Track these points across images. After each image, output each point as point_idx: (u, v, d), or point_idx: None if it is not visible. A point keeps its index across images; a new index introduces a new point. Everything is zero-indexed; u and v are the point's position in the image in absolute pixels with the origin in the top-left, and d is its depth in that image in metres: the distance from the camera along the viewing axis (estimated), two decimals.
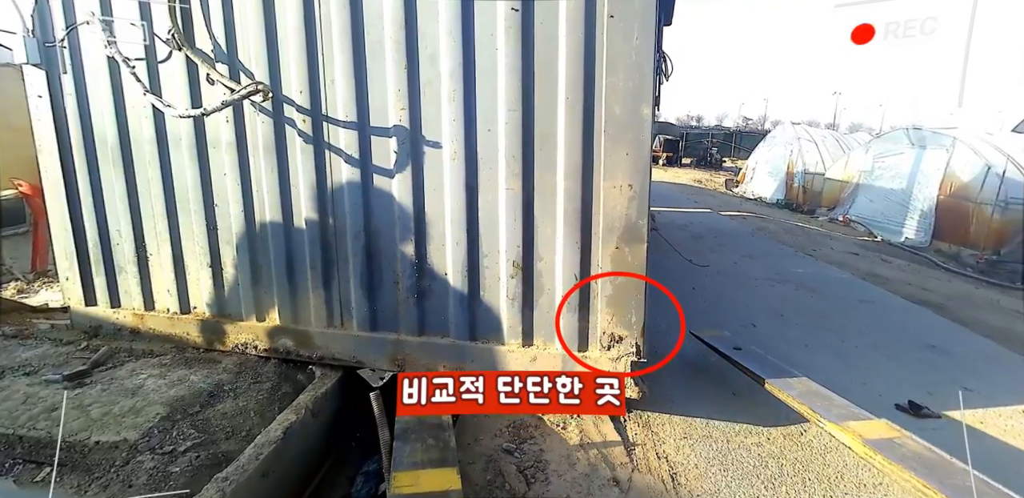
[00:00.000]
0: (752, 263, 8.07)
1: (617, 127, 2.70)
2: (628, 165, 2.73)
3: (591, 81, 2.70)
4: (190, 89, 3.27)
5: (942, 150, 10.43)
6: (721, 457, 2.91)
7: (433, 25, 2.82)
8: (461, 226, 3.02)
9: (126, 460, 2.60)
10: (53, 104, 3.55)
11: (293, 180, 3.22)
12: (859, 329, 5.09)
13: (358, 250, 3.20)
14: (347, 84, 2.99)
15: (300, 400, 3.10)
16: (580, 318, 2.99)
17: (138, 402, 3.01)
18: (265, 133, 3.19)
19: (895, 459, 2.45)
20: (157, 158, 3.44)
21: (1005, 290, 7.97)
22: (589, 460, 2.80)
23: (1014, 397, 3.71)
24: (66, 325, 4.07)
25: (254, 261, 3.42)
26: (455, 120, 2.89)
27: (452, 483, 2.35)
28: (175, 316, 3.67)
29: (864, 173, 11.74)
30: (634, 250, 2.83)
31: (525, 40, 2.72)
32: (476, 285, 3.09)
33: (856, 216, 11.74)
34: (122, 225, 3.63)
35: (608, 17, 2.59)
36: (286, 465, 2.75)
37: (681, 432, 3.15)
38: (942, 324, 5.56)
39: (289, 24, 3.01)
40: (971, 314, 6.06)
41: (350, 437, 3.49)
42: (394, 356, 3.28)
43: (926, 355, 4.53)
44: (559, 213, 2.89)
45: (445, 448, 2.61)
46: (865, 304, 6.15)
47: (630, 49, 2.60)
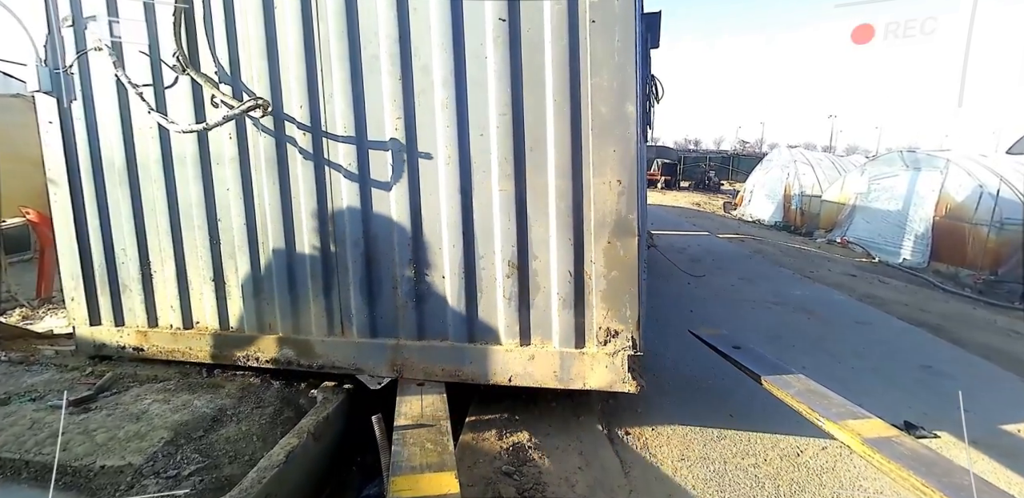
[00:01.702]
0: (750, 286, 8.10)
1: (604, 125, 2.82)
2: (616, 161, 2.83)
3: (577, 83, 2.83)
4: (195, 110, 3.42)
5: (936, 172, 10.62)
6: (718, 478, 2.91)
7: (426, 38, 2.99)
8: (457, 229, 3.09)
9: (131, 484, 2.62)
10: (63, 129, 3.70)
11: (294, 192, 3.32)
12: (855, 351, 5.09)
13: (357, 257, 3.26)
14: (345, 97, 3.14)
15: (302, 424, 3.11)
16: (576, 314, 3.01)
17: (142, 427, 3.04)
18: (267, 147, 3.32)
19: (893, 458, 2.45)
20: (163, 177, 3.56)
21: (1003, 310, 7.98)
22: (588, 482, 2.80)
23: (1008, 417, 3.71)
24: (71, 351, 4.10)
25: (255, 273, 3.48)
26: (448, 126, 3.02)
27: (450, 487, 2.32)
28: (178, 332, 3.70)
29: (860, 195, 11.90)
30: (626, 244, 2.89)
31: (513, 48, 2.88)
32: (473, 286, 3.13)
33: (854, 238, 11.82)
34: (127, 244, 3.71)
35: (591, 22, 2.75)
36: (288, 488, 2.74)
37: (678, 454, 3.15)
38: (938, 345, 5.56)
39: (290, 44, 3.18)
40: (968, 334, 6.07)
41: (351, 461, 3.45)
42: (393, 361, 3.29)
43: (921, 376, 4.53)
44: (552, 211, 2.97)
45: (443, 452, 2.58)
46: (862, 325, 6.16)
47: (612, 51, 2.74)
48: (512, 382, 3.12)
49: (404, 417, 2.86)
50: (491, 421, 3.27)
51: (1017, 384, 4.48)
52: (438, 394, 3.08)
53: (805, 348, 5.10)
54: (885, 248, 11.26)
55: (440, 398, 3.03)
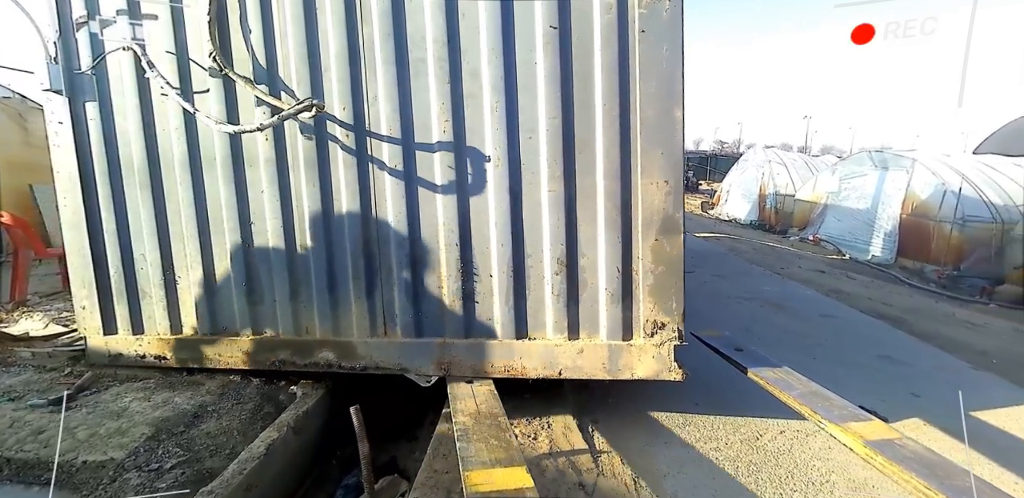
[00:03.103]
0: (723, 282, 8.63)
1: (652, 129, 3.12)
2: (663, 163, 3.14)
3: (626, 89, 3.13)
4: (227, 111, 3.53)
5: (903, 171, 11.51)
6: (680, 462, 3.19)
7: (475, 43, 3.22)
8: (506, 229, 3.33)
9: (113, 478, 2.77)
10: (75, 130, 3.72)
11: (335, 194, 3.48)
12: (819, 342, 5.56)
13: (402, 258, 3.45)
14: (391, 100, 3.33)
15: (282, 418, 3.37)
16: (623, 308, 3.30)
17: (124, 424, 3.20)
18: (307, 149, 3.47)
19: (895, 460, 2.55)
20: (189, 179, 3.64)
21: (963, 303, 8.74)
22: (557, 467, 3.03)
23: (955, 400, 4.06)
24: (48, 353, 4.25)
25: (292, 276, 3.61)
26: (498, 129, 3.26)
27: (524, 481, 2.47)
28: (205, 338, 3.78)
29: (831, 194, 12.75)
30: (672, 241, 3.20)
31: (563, 54, 3.15)
32: (521, 284, 3.37)
33: (825, 235, 12.65)
34: (147, 249, 3.76)
35: (640, 31, 3.05)
36: (269, 480, 2.97)
37: (645, 440, 3.42)
38: (897, 336, 6.10)
39: (332, 45, 3.34)
40: (927, 326, 6.66)
41: (332, 455, 3.75)
42: (440, 360, 3.49)
43: (880, 365, 4.98)
44: (600, 211, 3.25)
45: (509, 448, 2.77)
46: (827, 318, 6.70)
47: (661, 59, 3.05)
48: (562, 375, 3.37)
49: (461, 414, 3.05)
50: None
51: (968, 372, 4.99)
52: (489, 390, 3.30)
53: (773, 340, 5.52)
54: (855, 245, 12.10)
55: (492, 394, 3.25)
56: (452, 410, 3.12)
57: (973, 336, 6.42)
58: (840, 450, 3.29)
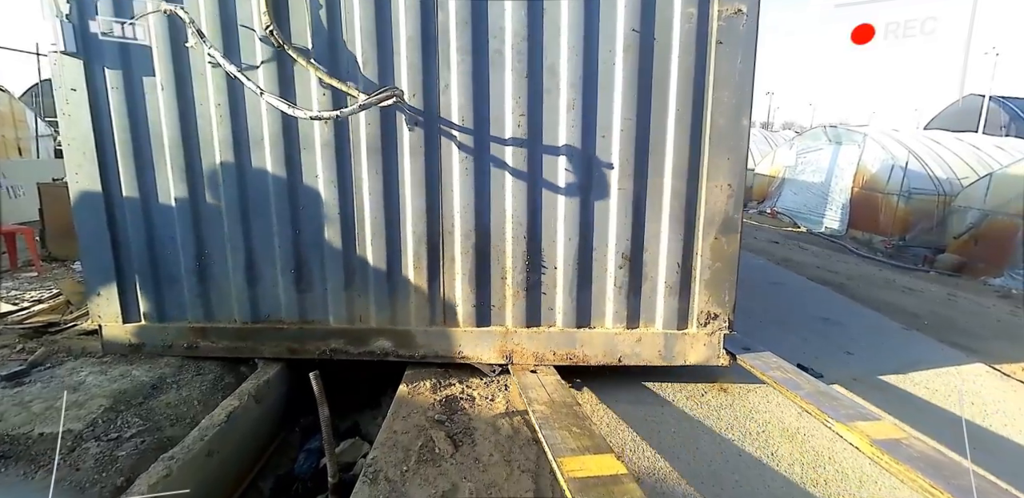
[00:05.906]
0: None
1: (721, 136, 3.70)
2: (728, 168, 3.74)
3: (700, 96, 3.66)
4: (280, 92, 3.73)
5: (855, 146, 12.92)
6: (629, 418, 3.75)
7: (555, 39, 3.61)
8: (574, 223, 3.83)
9: (71, 448, 3.04)
10: (92, 99, 3.77)
11: (400, 182, 3.82)
12: (765, 307, 6.43)
13: (468, 249, 3.88)
14: (465, 90, 3.67)
15: (243, 387, 3.81)
16: (680, 300, 3.94)
17: (80, 396, 3.51)
18: (370, 135, 3.76)
19: (902, 459, 2.76)
20: (233, 159, 3.82)
21: (905, 271, 10.20)
22: (513, 425, 3.55)
23: (885, 358, 5.04)
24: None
25: (348, 263, 3.94)
26: (573, 126, 3.71)
27: (618, 468, 2.86)
28: (245, 325, 4.05)
29: (789, 168, 14.09)
30: (730, 239, 3.85)
31: (643, 58, 3.62)
32: (586, 276, 3.92)
33: (783, 208, 14.04)
34: (179, 232, 3.92)
35: (717, 43, 3.58)
36: (231, 447, 3.40)
37: (599, 398, 3.96)
38: (838, 300, 7.16)
39: (403, 28, 3.61)
40: (867, 291, 7.80)
41: (295, 423, 4.24)
42: (502, 348, 4.00)
43: (819, 326, 5.91)
44: (665, 209, 3.81)
45: (593, 435, 3.19)
46: (774, 285, 7.73)
47: (735, 71, 3.60)
48: (621, 362, 3.99)
49: (536, 403, 3.54)
50: (426, 374, 4.00)
51: (899, 332, 5.96)
52: (556, 380, 3.84)
53: None
54: (810, 218, 13.57)
55: (560, 383, 3.80)
56: (526, 400, 3.64)
57: (909, 300, 7.58)
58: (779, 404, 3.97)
